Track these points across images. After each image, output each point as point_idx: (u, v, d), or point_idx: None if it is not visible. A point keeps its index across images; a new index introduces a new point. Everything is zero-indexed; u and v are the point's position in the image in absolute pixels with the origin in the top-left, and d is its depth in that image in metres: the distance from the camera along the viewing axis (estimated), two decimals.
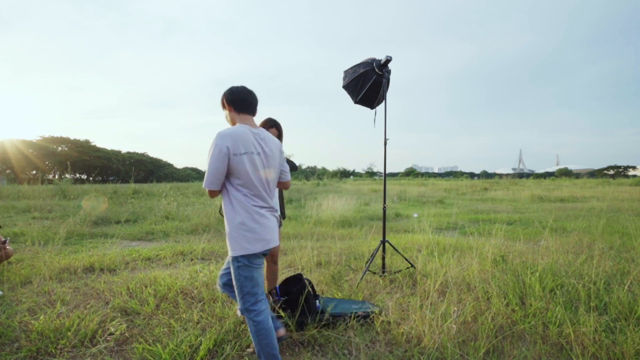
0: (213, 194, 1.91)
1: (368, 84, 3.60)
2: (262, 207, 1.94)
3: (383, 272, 3.68)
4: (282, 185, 2.25)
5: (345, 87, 3.81)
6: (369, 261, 3.73)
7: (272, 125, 2.86)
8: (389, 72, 3.64)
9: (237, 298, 1.95)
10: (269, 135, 2.06)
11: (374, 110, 3.82)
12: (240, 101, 2.01)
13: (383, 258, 3.75)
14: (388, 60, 3.49)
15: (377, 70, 3.56)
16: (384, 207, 3.87)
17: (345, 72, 3.81)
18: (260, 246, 1.90)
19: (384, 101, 3.75)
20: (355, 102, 3.80)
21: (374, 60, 3.59)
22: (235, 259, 1.89)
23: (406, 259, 3.85)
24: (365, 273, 3.60)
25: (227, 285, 2.15)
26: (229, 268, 2.13)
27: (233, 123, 2.05)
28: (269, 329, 1.93)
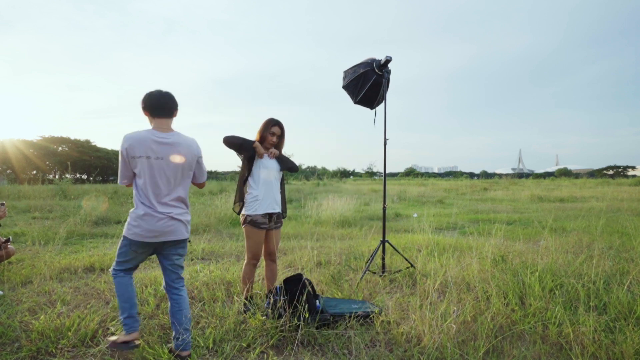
0: (127, 185, 2.21)
1: (368, 84, 3.60)
2: (149, 207, 2.13)
3: (383, 272, 3.69)
4: (197, 186, 2.46)
5: (345, 87, 3.82)
6: (369, 261, 3.73)
7: (274, 124, 2.87)
8: (388, 72, 3.65)
9: (115, 260, 2.26)
10: (179, 140, 2.19)
11: (374, 110, 3.83)
12: (153, 106, 2.16)
13: (383, 258, 3.75)
14: (388, 60, 3.49)
15: (377, 70, 3.56)
16: (384, 207, 3.87)
17: (345, 72, 3.82)
18: (140, 237, 2.14)
19: (383, 101, 3.75)
20: (355, 103, 3.81)
21: (373, 60, 3.60)
22: (123, 236, 2.20)
23: (406, 259, 3.86)
24: (365, 273, 3.60)
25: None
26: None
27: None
28: (125, 284, 2.25)
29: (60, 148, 36.73)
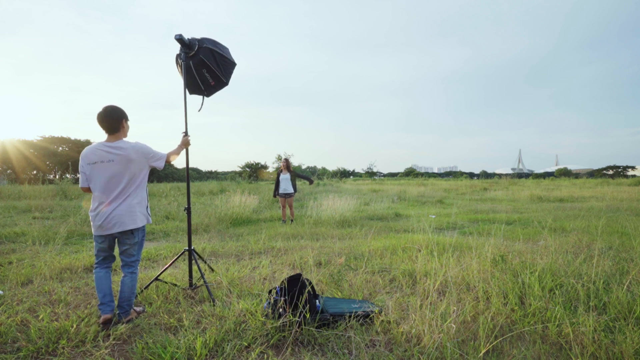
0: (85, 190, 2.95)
1: (185, 72, 3.32)
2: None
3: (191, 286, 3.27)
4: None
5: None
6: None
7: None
8: (186, 52, 3.27)
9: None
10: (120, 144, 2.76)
11: (209, 98, 3.59)
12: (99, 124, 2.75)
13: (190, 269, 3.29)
14: (178, 40, 3.18)
15: (183, 55, 3.30)
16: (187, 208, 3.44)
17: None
18: None
19: (199, 90, 3.47)
20: (191, 94, 3.52)
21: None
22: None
23: (209, 267, 3.38)
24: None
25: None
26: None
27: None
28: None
29: (60, 148, 36.72)
